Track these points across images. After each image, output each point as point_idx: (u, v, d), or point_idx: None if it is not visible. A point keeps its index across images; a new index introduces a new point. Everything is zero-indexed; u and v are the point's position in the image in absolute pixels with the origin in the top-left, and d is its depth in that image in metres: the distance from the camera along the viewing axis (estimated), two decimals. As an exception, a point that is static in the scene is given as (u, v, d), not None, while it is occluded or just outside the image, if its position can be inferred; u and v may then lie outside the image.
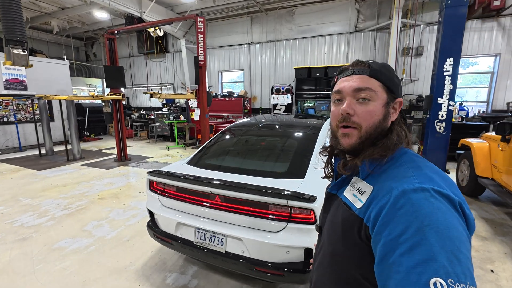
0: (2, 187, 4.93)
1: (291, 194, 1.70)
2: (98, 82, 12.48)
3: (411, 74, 7.37)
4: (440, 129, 3.67)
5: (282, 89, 8.30)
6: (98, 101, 11.60)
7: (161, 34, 8.46)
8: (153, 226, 2.35)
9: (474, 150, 4.17)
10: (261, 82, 9.56)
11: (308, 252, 1.74)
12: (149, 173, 2.32)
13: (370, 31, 7.75)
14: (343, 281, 0.68)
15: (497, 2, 6.03)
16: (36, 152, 7.98)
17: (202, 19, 5.18)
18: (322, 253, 0.78)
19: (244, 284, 2.34)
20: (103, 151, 8.39)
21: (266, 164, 2.38)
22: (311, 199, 1.65)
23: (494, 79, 6.80)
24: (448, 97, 3.59)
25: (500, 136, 3.53)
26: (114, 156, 7.41)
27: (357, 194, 0.68)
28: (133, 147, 9.00)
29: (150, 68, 11.35)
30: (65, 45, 12.00)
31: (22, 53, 4.57)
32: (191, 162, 2.56)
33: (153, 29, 8.05)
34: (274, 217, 1.81)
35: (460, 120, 6.61)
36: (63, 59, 9.70)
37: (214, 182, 1.95)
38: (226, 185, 1.90)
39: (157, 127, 10.20)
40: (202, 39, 5.23)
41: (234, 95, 9.26)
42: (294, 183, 1.90)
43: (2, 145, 8.15)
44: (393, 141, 0.68)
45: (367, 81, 0.69)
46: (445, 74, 3.56)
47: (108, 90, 10.75)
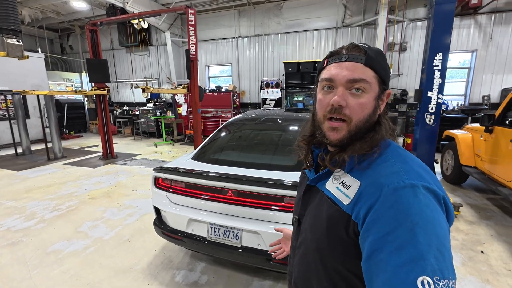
0: (-22, 190, 4.58)
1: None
2: (76, 77, 11.81)
3: (396, 69, 7.63)
4: (429, 121, 3.85)
5: (272, 83, 8.30)
6: (77, 96, 11.04)
7: (145, 26, 8.13)
8: (160, 223, 2.29)
9: (458, 140, 4.43)
10: (249, 77, 9.50)
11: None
12: (155, 169, 2.25)
13: (357, 27, 7.91)
14: (328, 275, 0.67)
15: (474, 1, 6.36)
16: (11, 151, 7.46)
17: (193, 11, 5.03)
18: (304, 247, 0.75)
19: (255, 277, 2.35)
20: (86, 149, 8.01)
21: (274, 157, 2.39)
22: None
23: (471, 74, 7.21)
24: (437, 90, 3.77)
25: (483, 127, 3.77)
26: (99, 154, 7.10)
27: (341, 188, 0.65)
28: (118, 144, 8.65)
29: (133, 62, 10.89)
30: (38, 36, 11.19)
31: (17, 43, 4.18)
32: (197, 158, 2.51)
33: (137, 21, 7.71)
34: (289, 209, 1.83)
35: (441, 112, 6.97)
36: (37, 52, 9.06)
37: (228, 177, 1.93)
38: (241, 179, 1.89)
39: (142, 123, 9.86)
40: (194, 32, 5.08)
41: (223, 90, 9.13)
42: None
43: (-29, 144, 7.53)
44: (382, 135, 0.66)
45: (362, 70, 0.63)
46: (434, 68, 3.72)
47: (88, 84, 10.23)
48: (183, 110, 9.33)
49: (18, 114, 7.10)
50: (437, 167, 5.43)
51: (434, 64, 3.71)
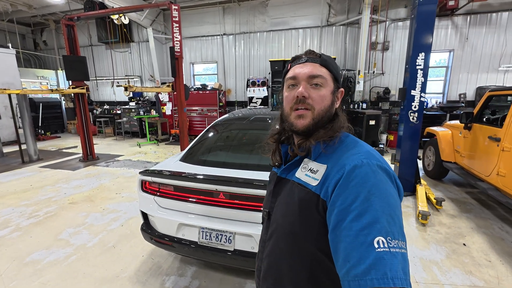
0: None
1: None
2: (51, 74, 11.18)
3: (379, 68, 7.82)
4: (413, 119, 3.96)
5: (258, 81, 8.26)
6: (53, 95, 10.47)
7: (126, 21, 7.80)
8: (148, 229, 2.20)
9: (439, 137, 4.60)
10: (235, 75, 9.40)
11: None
12: (142, 173, 2.15)
13: (341, 26, 8.02)
14: (301, 258, 0.72)
15: (452, 2, 6.63)
16: (-20, 154, 6.95)
17: (177, 7, 4.87)
18: (276, 236, 0.79)
19: (247, 280, 2.32)
20: (64, 151, 7.62)
21: (264, 158, 2.35)
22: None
23: (449, 73, 7.53)
24: (420, 89, 3.88)
25: (463, 124, 3.93)
26: (79, 155, 6.78)
27: (309, 173, 0.74)
28: (99, 145, 8.30)
29: (114, 59, 10.45)
30: (8, 31, 10.47)
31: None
32: (185, 159, 2.43)
33: (117, 16, 7.38)
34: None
35: (421, 110, 7.23)
36: (8, 47, 8.48)
37: (219, 179, 1.88)
38: (232, 181, 1.84)
39: (124, 123, 9.52)
40: (178, 29, 4.93)
41: (208, 88, 8.98)
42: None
43: None
44: (340, 123, 0.77)
45: (319, 69, 0.76)
46: (417, 68, 3.83)
47: (65, 82, 9.74)
48: (168, 109, 9.10)
49: (-13, 114, 6.61)
50: (419, 163, 5.64)
51: (417, 63, 3.82)
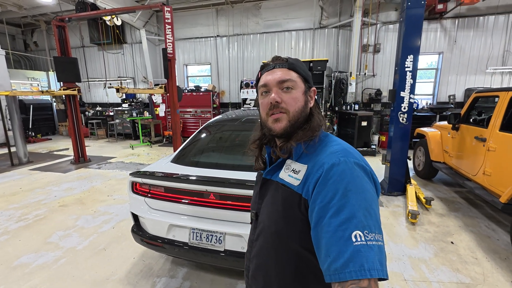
0: None
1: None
2: (42, 76, 11.02)
3: (370, 70, 7.94)
4: (403, 120, 4.04)
5: (251, 83, 8.28)
6: (44, 96, 10.31)
7: (118, 23, 7.75)
8: (138, 230, 2.19)
9: (428, 138, 4.69)
10: (229, 76, 9.41)
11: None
12: (132, 174, 2.15)
13: (333, 28, 8.12)
14: (287, 256, 0.75)
15: (440, 6, 6.78)
16: (-32, 157, 6.81)
17: (169, 9, 4.87)
18: (263, 235, 0.81)
19: (238, 280, 2.33)
20: (55, 153, 7.51)
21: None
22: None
23: (438, 75, 7.68)
24: (409, 90, 3.96)
25: (451, 125, 4.02)
26: (70, 158, 6.69)
27: (292, 174, 0.76)
28: (91, 147, 8.21)
29: (106, 60, 10.37)
30: (-3, 31, 10.31)
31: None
32: (176, 160, 2.43)
33: (109, 17, 7.33)
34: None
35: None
36: (-3, 48, 8.34)
37: (209, 180, 1.89)
38: (223, 182, 1.85)
39: (117, 125, 9.43)
40: (170, 30, 4.93)
41: (202, 90, 8.97)
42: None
43: None
44: (317, 122, 0.79)
45: (288, 73, 0.78)
46: (406, 70, 3.91)
47: (56, 84, 9.62)
48: (161, 111, 9.05)
49: (-25, 116, 6.49)
50: (409, 163, 5.72)
51: (406, 65, 3.90)
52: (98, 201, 4.08)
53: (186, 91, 8.99)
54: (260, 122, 0.86)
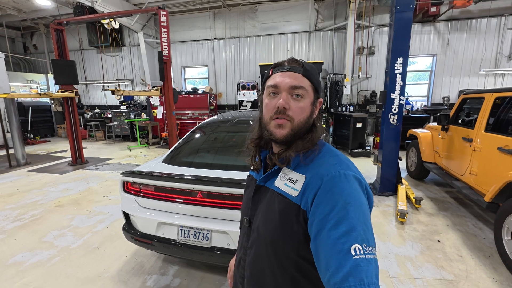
0: None
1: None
2: (41, 78, 11.11)
3: (365, 72, 8.03)
4: (393, 121, 4.11)
5: (248, 85, 8.36)
6: (43, 99, 10.40)
7: (116, 26, 7.85)
8: (129, 228, 2.25)
9: (420, 139, 4.76)
10: (226, 79, 9.51)
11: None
12: (123, 173, 2.21)
13: (329, 31, 8.22)
14: (282, 265, 0.74)
15: (433, 9, 6.89)
16: (-33, 159, 6.87)
17: (165, 13, 4.96)
18: (257, 244, 0.80)
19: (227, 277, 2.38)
20: (53, 155, 7.58)
21: (243, 159, 2.44)
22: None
23: (433, 77, 7.77)
24: (399, 92, 4.03)
25: (440, 126, 4.09)
26: (68, 159, 6.75)
27: (289, 183, 0.74)
28: (89, 149, 8.28)
29: (104, 63, 10.47)
30: (-4, 35, 10.42)
31: None
32: (167, 161, 2.50)
33: (107, 20, 7.44)
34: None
35: (406, 113, 7.44)
36: (-4, 51, 8.43)
37: (197, 179, 1.95)
38: (209, 181, 1.92)
39: (115, 127, 9.51)
40: (166, 34, 5.02)
41: (199, 92, 9.06)
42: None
43: None
44: (318, 135, 0.78)
45: (301, 79, 0.75)
46: (396, 72, 3.98)
47: (56, 86, 9.69)
48: (159, 113, 9.09)
49: (-26, 118, 6.55)
50: (402, 164, 5.79)
51: (396, 68, 3.97)
52: (94, 201, 4.14)
53: (184, 93, 9.07)
54: (259, 121, 0.83)
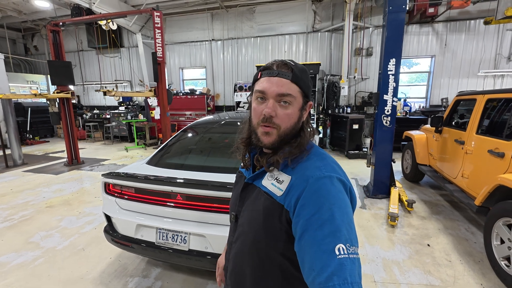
0: None
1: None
2: (41, 79, 11.20)
3: (363, 73, 7.98)
4: (386, 123, 4.06)
5: (245, 86, 8.36)
6: (43, 99, 10.47)
7: (114, 27, 7.88)
8: (110, 230, 2.24)
9: (414, 140, 4.71)
10: (223, 80, 9.51)
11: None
12: (104, 175, 2.20)
13: (326, 32, 8.19)
14: (262, 263, 0.76)
15: (431, 10, 6.82)
16: (-35, 159, 6.92)
17: (159, 14, 4.97)
18: (242, 240, 0.82)
19: (209, 280, 2.36)
20: (51, 155, 7.62)
21: (229, 161, 2.41)
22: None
23: (431, 78, 7.70)
24: (392, 94, 3.99)
25: (434, 127, 4.03)
26: (64, 160, 6.78)
27: (275, 183, 0.76)
28: (86, 150, 8.31)
29: (103, 64, 10.53)
30: (-2, 36, 10.53)
31: None
32: (151, 162, 2.49)
33: (104, 21, 7.47)
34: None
35: (404, 114, 7.37)
36: (-4, 52, 8.50)
37: (174, 181, 1.93)
38: (186, 183, 1.90)
39: (113, 127, 9.54)
40: (160, 35, 5.02)
41: (197, 93, 9.07)
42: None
43: None
44: (307, 139, 0.79)
45: (289, 86, 0.74)
46: (389, 73, 3.94)
47: (54, 87, 9.74)
48: (156, 114, 9.14)
49: (-28, 119, 6.62)
50: (398, 166, 5.73)
51: (388, 69, 3.93)
52: (85, 202, 4.14)
53: (181, 94, 9.08)
54: (249, 122, 0.84)
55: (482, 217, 3.49)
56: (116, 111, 9.69)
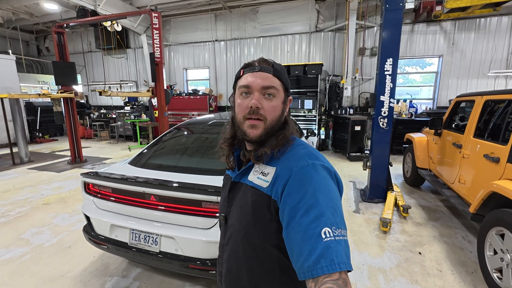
0: None
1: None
2: (51, 79, 11.53)
3: (367, 73, 7.79)
4: (383, 124, 3.93)
5: (247, 87, 8.32)
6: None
7: (118, 28, 8.03)
8: (89, 229, 2.25)
9: (415, 143, 4.54)
10: (226, 80, 9.51)
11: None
12: (83, 174, 2.21)
13: (329, 31, 8.05)
14: (258, 258, 0.76)
15: (438, 8, 6.58)
16: (-24, 156, 7.22)
17: (157, 15, 5.01)
18: (233, 239, 0.82)
19: (187, 282, 2.33)
20: (57, 153, 7.83)
21: (210, 162, 2.38)
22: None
23: (438, 79, 7.42)
24: (389, 94, 3.85)
25: (433, 130, 3.87)
26: (68, 158, 6.95)
27: (261, 176, 0.77)
28: (91, 148, 8.50)
29: (109, 64, 10.76)
30: (12, 38, 10.94)
31: None
32: (132, 162, 2.49)
33: (109, 23, 7.62)
34: (206, 213, 1.83)
35: (409, 116, 7.14)
36: (8, 53, 8.85)
37: (146, 182, 1.92)
38: (157, 184, 1.88)
39: (118, 127, 9.72)
40: (158, 35, 5.06)
41: (199, 93, 9.11)
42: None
43: None
44: (291, 131, 0.81)
45: (272, 79, 0.77)
46: (386, 73, 3.80)
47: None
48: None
49: (-18, 117, 6.89)
50: (399, 170, 5.54)
51: (385, 69, 3.80)
52: (80, 200, 4.21)
53: (184, 95, 9.15)
54: (232, 121, 0.85)
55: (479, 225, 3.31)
56: (121, 111, 9.87)
